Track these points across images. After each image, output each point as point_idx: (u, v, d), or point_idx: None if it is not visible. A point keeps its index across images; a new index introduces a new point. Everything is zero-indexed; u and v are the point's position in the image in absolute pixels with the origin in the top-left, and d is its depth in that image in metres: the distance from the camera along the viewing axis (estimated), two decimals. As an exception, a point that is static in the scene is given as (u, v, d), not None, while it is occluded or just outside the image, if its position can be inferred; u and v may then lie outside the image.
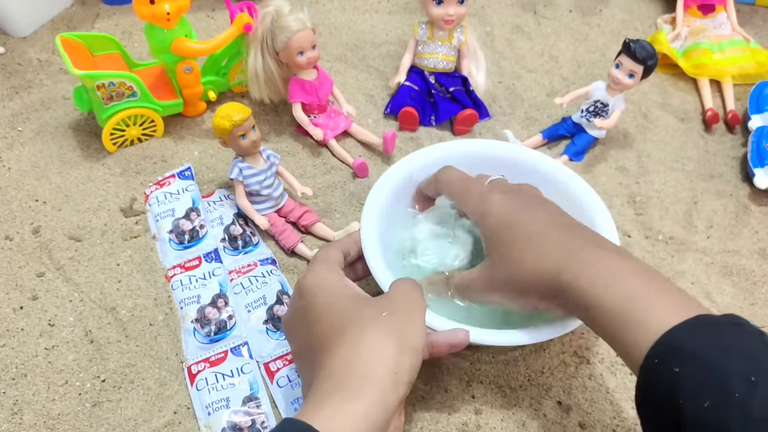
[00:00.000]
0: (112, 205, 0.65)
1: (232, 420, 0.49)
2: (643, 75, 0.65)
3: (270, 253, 0.61)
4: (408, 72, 0.74)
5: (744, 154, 0.72)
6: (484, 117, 0.74)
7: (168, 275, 0.59)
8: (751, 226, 0.66)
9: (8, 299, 0.57)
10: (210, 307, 0.56)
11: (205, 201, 0.64)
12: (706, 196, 0.69)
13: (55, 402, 0.51)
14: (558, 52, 0.84)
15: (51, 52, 0.80)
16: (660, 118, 0.76)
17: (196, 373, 0.53)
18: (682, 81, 0.81)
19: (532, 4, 0.91)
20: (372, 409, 0.36)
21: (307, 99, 0.69)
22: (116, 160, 0.69)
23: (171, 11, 0.62)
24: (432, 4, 0.69)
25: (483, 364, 0.54)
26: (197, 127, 0.72)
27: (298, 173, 0.68)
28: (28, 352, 0.54)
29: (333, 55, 0.82)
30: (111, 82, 0.64)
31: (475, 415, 0.51)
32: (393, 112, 0.74)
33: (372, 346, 0.38)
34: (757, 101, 0.75)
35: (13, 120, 0.72)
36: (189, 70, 0.68)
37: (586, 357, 0.55)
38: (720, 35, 0.81)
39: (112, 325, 0.56)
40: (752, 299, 0.60)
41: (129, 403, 0.51)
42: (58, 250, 0.61)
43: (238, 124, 0.58)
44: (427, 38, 0.73)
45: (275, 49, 0.67)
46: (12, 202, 0.64)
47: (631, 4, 0.91)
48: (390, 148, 0.69)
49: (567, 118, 0.72)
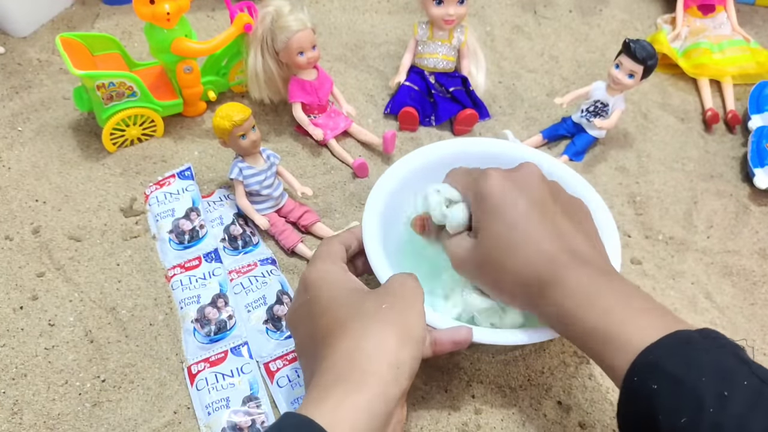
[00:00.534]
0: (112, 205, 0.65)
1: (232, 420, 0.50)
2: (643, 75, 0.65)
3: (270, 253, 0.61)
4: (408, 72, 0.74)
5: (744, 154, 0.72)
6: (484, 117, 0.74)
7: (168, 275, 0.59)
8: (751, 226, 0.66)
9: (8, 299, 0.57)
10: (210, 307, 0.56)
11: (205, 201, 0.64)
12: (706, 196, 0.69)
13: (55, 402, 0.51)
14: (558, 52, 0.84)
15: (51, 52, 0.80)
16: (660, 118, 0.76)
17: (196, 373, 0.53)
18: (682, 81, 0.81)
19: (532, 4, 0.91)
20: (374, 402, 0.36)
21: (307, 99, 0.69)
22: (116, 160, 0.69)
23: (171, 11, 0.62)
24: (432, 4, 0.69)
25: (483, 364, 0.54)
26: (197, 127, 0.72)
27: (298, 173, 0.68)
28: (28, 352, 0.54)
29: (333, 55, 0.82)
30: (111, 82, 0.64)
31: (475, 415, 0.51)
32: (393, 112, 0.74)
33: (374, 339, 0.39)
34: (757, 101, 0.75)
35: (13, 120, 0.72)
36: (189, 70, 0.68)
37: (586, 357, 0.55)
38: (720, 35, 0.81)
39: (112, 325, 0.56)
40: (752, 299, 0.60)
41: (129, 403, 0.51)
42: (58, 250, 0.61)
43: (238, 124, 0.58)
44: (427, 38, 0.73)
45: (275, 49, 0.67)
46: (12, 202, 0.64)
47: (631, 4, 0.91)
48: (390, 148, 0.69)
49: (567, 118, 0.72)
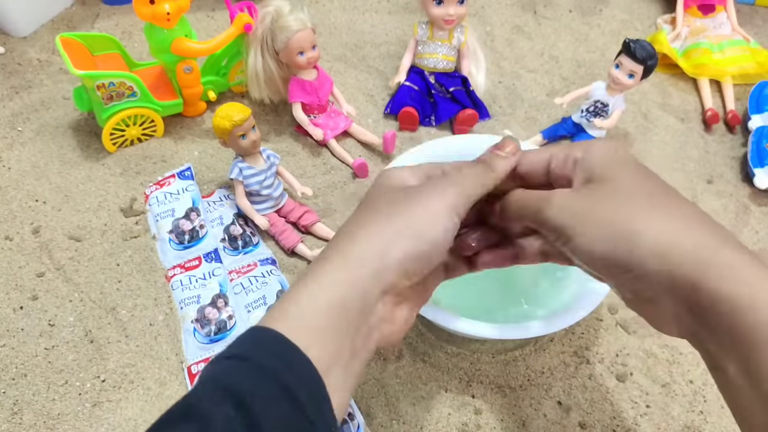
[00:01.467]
0: (112, 205, 0.65)
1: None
2: (643, 75, 0.65)
3: (270, 253, 0.61)
4: (408, 72, 0.74)
5: (744, 154, 0.72)
6: (484, 117, 0.74)
7: (168, 275, 0.59)
8: (751, 226, 0.66)
9: (8, 299, 0.57)
10: (210, 307, 0.56)
11: (205, 201, 0.64)
12: (706, 196, 0.69)
13: (55, 402, 0.51)
14: (558, 52, 0.84)
15: (51, 52, 0.80)
16: (660, 118, 0.76)
17: (196, 373, 0.53)
18: (682, 81, 0.81)
19: (532, 4, 0.91)
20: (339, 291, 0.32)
21: (307, 99, 0.69)
22: (116, 160, 0.69)
23: (171, 11, 0.62)
24: (432, 4, 0.69)
25: (483, 364, 0.54)
26: (197, 127, 0.72)
27: (298, 173, 0.68)
28: (28, 352, 0.54)
29: (333, 55, 0.82)
30: (111, 82, 0.64)
31: (475, 415, 0.51)
32: (393, 112, 0.74)
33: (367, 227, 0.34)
34: (757, 101, 0.75)
35: (13, 120, 0.72)
36: (189, 70, 0.68)
37: (586, 357, 0.55)
38: (720, 35, 0.81)
39: (112, 325, 0.56)
40: (752, 299, 0.60)
41: (129, 403, 0.51)
42: (58, 250, 0.61)
43: (238, 124, 0.58)
44: (427, 38, 0.73)
45: (275, 49, 0.67)
46: (12, 202, 0.64)
47: (631, 4, 0.91)
48: (390, 148, 0.69)
49: (567, 118, 0.72)
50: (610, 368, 0.55)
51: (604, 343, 0.56)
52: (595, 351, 0.56)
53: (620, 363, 0.55)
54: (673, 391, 0.53)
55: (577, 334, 0.56)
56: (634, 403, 0.52)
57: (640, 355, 0.55)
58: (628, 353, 0.55)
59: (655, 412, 0.52)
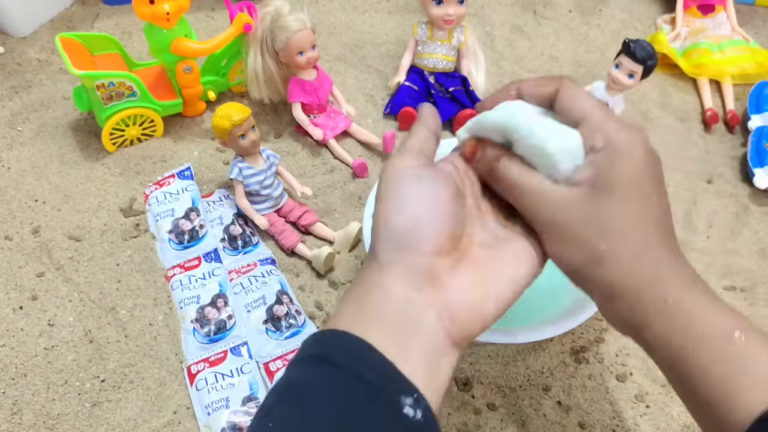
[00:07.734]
0: (111, 205, 0.65)
1: (232, 420, 0.49)
2: (643, 75, 0.65)
3: (270, 253, 0.61)
4: (408, 72, 0.74)
5: (744, 154, 0.72)
6: (484, 117, 0.74)
7: (167, 275, 0.59)
8: (751, 226, 0.66)
9: (8, 299, 0.57)
10: (209, 307, 0.56)
11: (205, 201, 0.64)
12: (706, 196, 0.69)
13: (54, 402, 0.51)
14: (558, 52, 0.84)
15: (51, 52, 0.80)
16: (660, 118, 0.76)
17: (195, 373, 0.53)
18: (681, 81, 0.81)
19: (532, 4, 0.91)
20: None
21: (307, 99, 0.69)
22: (116, 160, 0.69)
23: (171, 11, 0.62)
24: (432, 4, 0.69)
25: (483, 365, 0.54)
26: (197, 127, 0.72)
27: (298, 173, 0.68)
28: (27, 352, 0.54)
29: (333, 55, 0.82)
30: (111, 82, 0.64)
31: (475, 415, 0.51)
32: (393, 112, 0.74)
33: None
34: (756, 101, 0.75)
35: (13, 120, 0.72)
36: (189, 70, 0.68)
37: (586, 357, 0.55)
38: (720, 35, 0.81)
39: (112, 325, 0.56)
40: (752, 299, 0.60)
41: (129, 403, 0.51)
42: (57, 250, 0.61)
43: (237, 124, 0.58)
44: (426, 38, 0.73)
45: (275, 49, 0.67)
46: (12, 202, 0.64)
47: (631, 4, 0.91)
48: (390, 148, 0.69)
49: (567, 118, 0.72)
50: (610, 368, 0.55)
51: (604, 343, 0.56)
52: (594, 351, 0.56)
53: (620, 363, 0.55)
54: (673, 391, 0.53)
55: (577, 334, 0.56)
56: (633, 403, 0.52)
57: (640, 355, 0.55)
58: (627, 353, 0.55)
59: (655, 412, 0.52)
